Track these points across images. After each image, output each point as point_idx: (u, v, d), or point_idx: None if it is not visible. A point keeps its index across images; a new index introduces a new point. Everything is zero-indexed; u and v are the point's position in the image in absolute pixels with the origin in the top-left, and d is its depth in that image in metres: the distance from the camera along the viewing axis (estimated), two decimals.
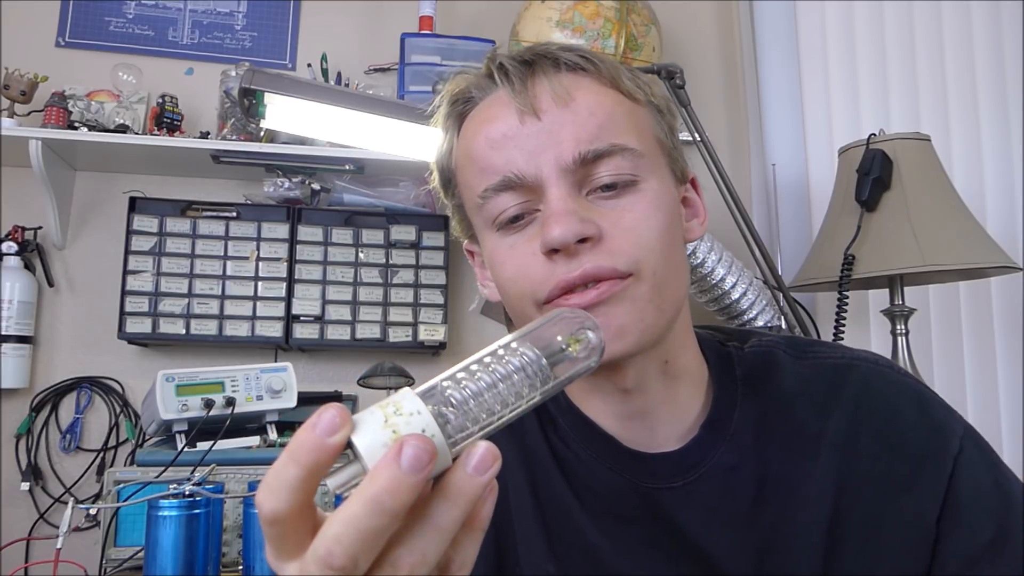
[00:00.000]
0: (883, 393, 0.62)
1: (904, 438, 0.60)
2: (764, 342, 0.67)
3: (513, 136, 0.56)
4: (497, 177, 0.57)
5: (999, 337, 1.78)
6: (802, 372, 0.64)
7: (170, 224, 1.61)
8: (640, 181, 0.57)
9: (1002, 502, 0.58)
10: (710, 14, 2.04)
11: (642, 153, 0.57)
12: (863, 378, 0.62)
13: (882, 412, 0.61)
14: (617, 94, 0.59)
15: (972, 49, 1.84)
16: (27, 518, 1.58)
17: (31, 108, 1.57)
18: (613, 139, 0.56)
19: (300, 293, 1.64)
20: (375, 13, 1.89)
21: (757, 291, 1.57)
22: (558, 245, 0.53)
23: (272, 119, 1.19)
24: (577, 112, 0.56)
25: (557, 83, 0.57)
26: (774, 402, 0.63)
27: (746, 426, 0.62)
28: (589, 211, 0.55)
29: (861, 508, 0.59)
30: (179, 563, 1.05)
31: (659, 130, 0.61)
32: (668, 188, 0.60)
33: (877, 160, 1.41)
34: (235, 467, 1.29)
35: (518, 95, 0.57)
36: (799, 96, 1.83)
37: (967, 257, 1.37)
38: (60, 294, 1.68)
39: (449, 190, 0.65)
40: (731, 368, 0.65)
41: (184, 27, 1.81)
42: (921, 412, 0.61)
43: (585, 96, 0.57)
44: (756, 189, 1.90)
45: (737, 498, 0.61)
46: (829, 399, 0.62)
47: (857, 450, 0.60)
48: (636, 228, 0.55)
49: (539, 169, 0.55)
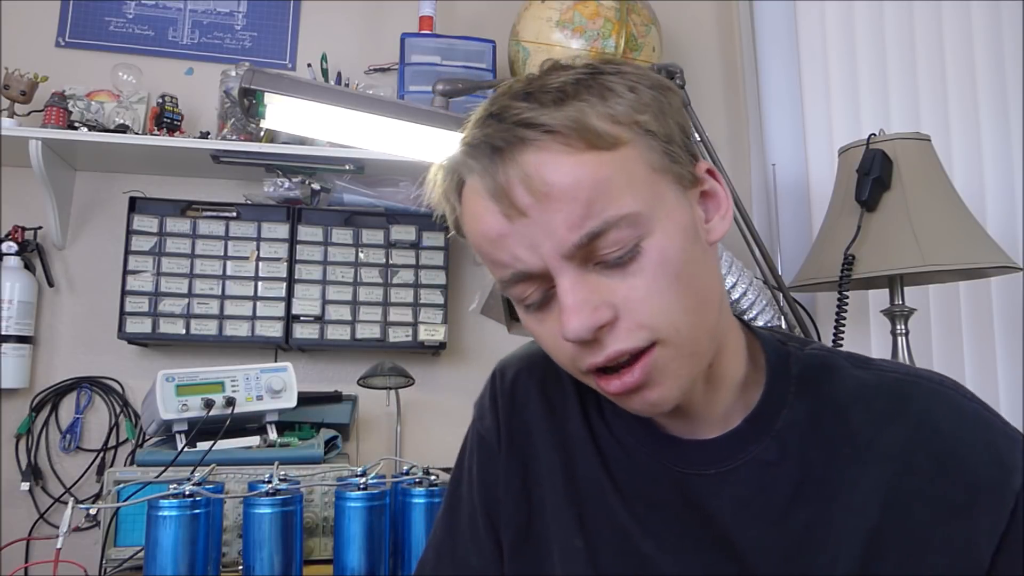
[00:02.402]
0: (948, 414, 0.60)
1: (964, 464, 0.58)
2: (825, 348, 0.68)
3: (508, 234, 0.55)
4: (508, 272, 0.57)
5: (999, 337, 1.78)
6: (863, 379, 0.63)
7: (170, 224, 1.61)
8: (644, 240, 0.55)
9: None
10: (710, 14, 2.04)
11: (639, 211, 0.54)
12: (928, 395, 0.61)
13: (944, 433, 0.59)
14: (595, 154, 0.54)
15: (972, 49, 1.84)
16: (27, 518, 1.58)
17: (31, 108, 1.57)
18: (605, 213, 0.53)
19: (300, 293, 1.64)
20: (375, 13, 1.89)
21: (757, 291, 1.56)
22: (575, 341, 0.55)
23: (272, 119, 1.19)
24: (560, 199, 0.53)
25: (526, 174, 0.54)
26: (828, 405, 0.62)
27: (794, 425, 0.62)
28: (600, 289, 0.54)
29: (909, 525, 0.58)
30: (179, 563, 1.04)
31: (653, 156, 0.56)
32: (677, 220, 0.57)
33: (877, 160, 1.41)
34: (235, 467, 1.29)
35: (495, 196, 0.55)
36: (799, 96, 1.83)
37: (967, 257, 1.37)
38: (60, 294, 1.68)
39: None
40: (787, 367, 0.65)
41: (184, 27, 1.81)
42: (985, 441, 0.59)
43: (561, 177, 0.53)
44: (756, 189, 1.90)
45: (773, 494, 0.61)
46: (889, 410, 0.61)
47: (912, 466, 0.59)
48: (651, 294, 0.55)
49: (543, 260, 0.55)
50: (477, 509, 0.72)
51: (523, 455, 0.70)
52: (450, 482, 0.77)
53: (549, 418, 0.70)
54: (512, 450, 0.71)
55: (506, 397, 0.73)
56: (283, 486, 1.13)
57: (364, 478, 1.18)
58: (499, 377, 0.75)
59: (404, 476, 1.26)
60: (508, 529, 0.70)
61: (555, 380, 0.71)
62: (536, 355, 0.74)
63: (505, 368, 0.75)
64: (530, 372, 0.73)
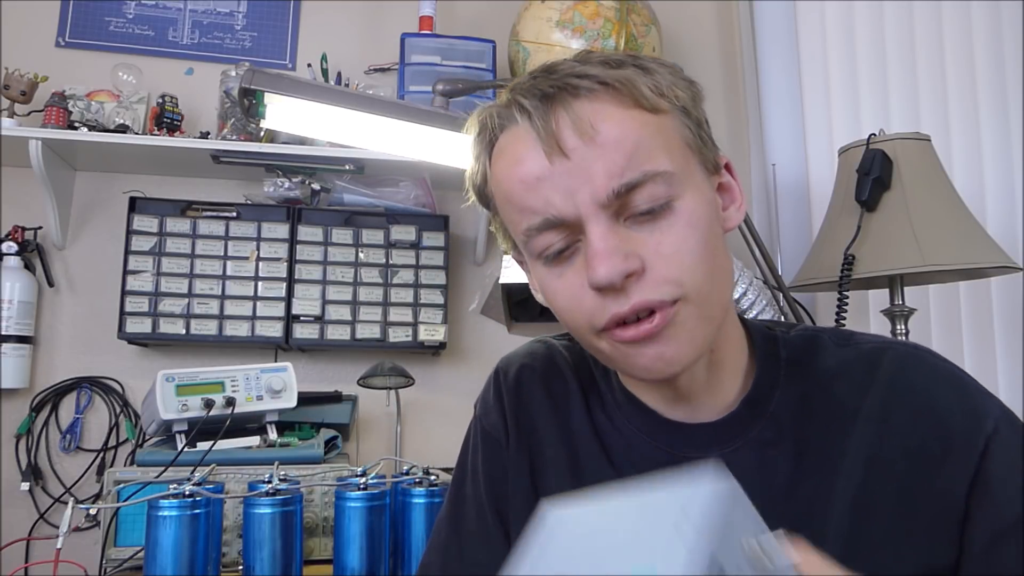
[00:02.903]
0: (920, 372, 0.63)
1: (939, 416, 0.61)
2: (810, 329, 0.70)
3: (546, 177, 0.57)
4: (538, 218, 0.58)
5: (999, 337, 1.78)
6: (844, 355, 0.66)
7: (170, 224, 1.61)
8: (675, 200, 0.58)
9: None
10: (710, 14, 2.04)
11: (673, 172, 0.58)
12: (900, 357, 0.64)
13: (918, 389, 0.62)
14: (640, 113, 0.58)
15: (972, 49, 1.84)
16: (27, 518, 1.58)
17: (31, 108, 1.57)
18: (644, 166, 0.56)
19: (300, 293, 1.64)
20: (375, 13, 1.89)
21: (757, 291, 1.56)
22: (604, 285, 0.55)
23: (272, 119, 1.19)
24: (604, 146, 0.56)
25: (578, 116, 0.57)
26: (815, 382, 0.65)
27: (786, 405, 0.65)
28: (630, 241, 0.57)
29: (893, 481, 0.61)
30: (179, 563, 1.04)
31: (687, 132, 0.61)
32: (703, 193, 0.60)
33: (877, 160, 1.41)
34: (235, 467, 1.29)
35: (542, 136, 0.57)
36: (799, 96, 1.83)
37: (967, 257, 1.37)
38: (60, 294, 1.68)
39: (490, 209, 0.67)
40: (776, 351, 0.68)
41: (184, 27, 1.81)
42: (957, 392, 0.62)
43: (609, 126, 0.57)
44: (756, 189, 1.90)
45: (775, 473, 0.63)
46: (868, 377, 0.64)
47: (891, 424, 0.62)
48: (677, 252, 0.57)
49: (577, 207, 0.56)
50: (485, 505, 0.72)
51: (529, 450, 0.71)
52: (452, 483, 0.77)
53: (553, 413, 0.71)
54: (519, 445, 0.72)
55: (511, 393, 0.74)
56: (283, 486, 1.13)
57: (364, 478, 1.18)
58: (503, 374, 0.76)
59: (404, 476, 1.26)
60: (516, 523, 0.70)
61: (558, 376, 0.73)
62: (538, 352, 0.76)
63: (508, 365, 0.76)
64: (533, 369, 0.74)
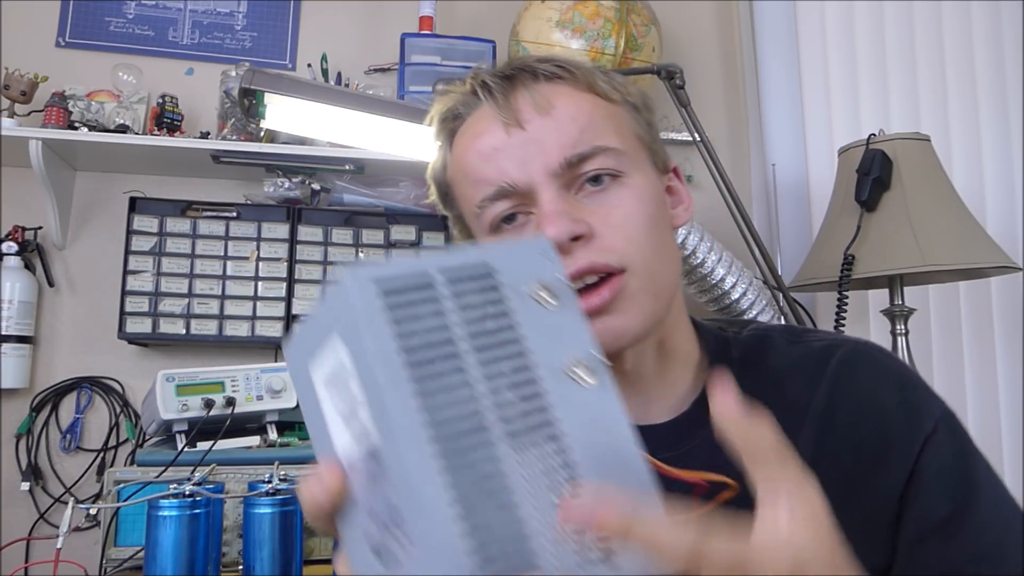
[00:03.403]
0: (865, 369, 0.64)
1: (880, 415, 0.62)
2: (762, 327, 0.70)
3: (502, 147, 0.60)
4: (492, 188, 0.60)
5: (999, 337, 1.78)
6: (795, 354, 0.66)
7: (170, 224, 1.61)
8: (624, 176, 0.61)
9: (963, 486, 0.59)
10: (710, 14, 2.04)
11: (623, 151, 0.61)
12: (846, 354, 0.65)
13: (862, 387, 0.63)
14: (594, 97, 0.62)
15: (972, 49, 1.84)
16: (27, 518, 1.58)
17: (31, 108, 1.57)
18: (595, 141, 0.60)
19: (300, 293, 1.64)
20: (375, 13, 1.89)
21: (757, 291, 1.57)
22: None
23: (272, 119, 1.19)
24: (559, 119, 0.60)
25: (537, 93, 0.61)
26: (767, 382, 0.65)
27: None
28: (579, 210, 0.59)
29: (835, 476, 0.60)
30: (179, 563, 1.04)
31: (638, 127, 0.65)
32: (652, 180, 0.64)
33: (877, 160, 1.41)
34: (235, 467, 1.29)
35: (501, 109, 0.60)
36: (799, 96, 1.83)
37: (967, 257, 1.37)
38: (60, 294, 1.68)
39: (448, 203, 0.69)
40: (728, 351, 0.68)
41: (184, 27, 1.81)
42: (900, 392, 0.63)
43: (564, 103, 0.61)
44: (756, 189, 1.90)
45: (730, 472, 0.62)
46: (816, 374, 0.64)
47: (835, 422, 0.62)
48: (625, 223, 0.59)
49: (530, 176, 0.59)
50: None
51: None
52: None
53: None
54: None
55: None
56: (283, 486, 1.13)
57: None
58: None
59: None
60: None
61: None
62: None
63: None
64: None
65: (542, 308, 0.41)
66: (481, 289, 0.39)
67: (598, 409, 0.40)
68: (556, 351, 0.40)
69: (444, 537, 0.33)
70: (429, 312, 0.37)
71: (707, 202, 1.79)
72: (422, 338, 0.36)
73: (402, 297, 0.36)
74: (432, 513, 0.33)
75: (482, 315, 0.38)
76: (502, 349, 0.38)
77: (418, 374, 0.35)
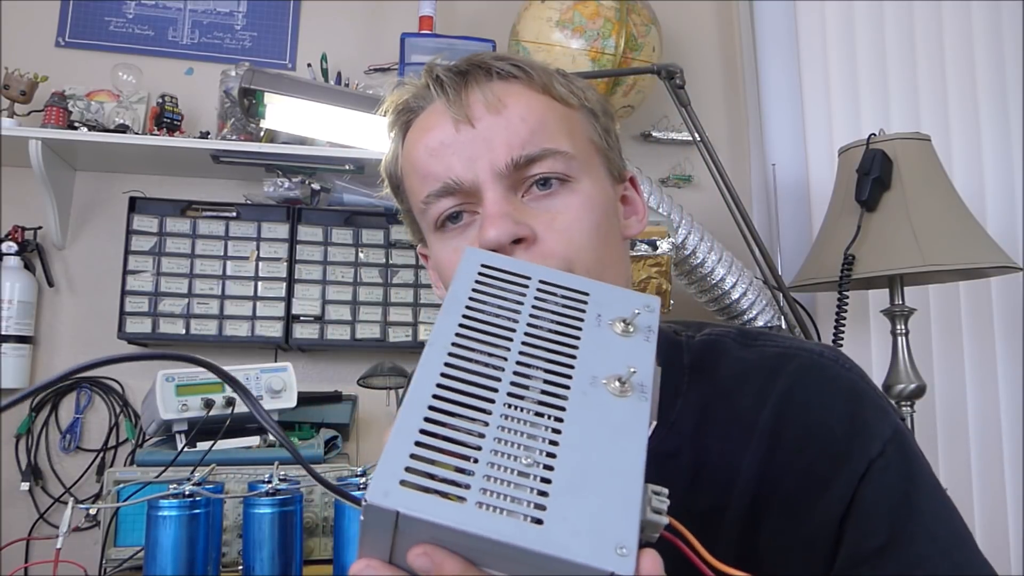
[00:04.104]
0: (816, 386, 0.61)
1: (829, 436, 0.59)
2: (715, 331, 0.68)
3: (450, 144, 0.60)
4: (438, 184, 0.60)
5: (999, 337, 1.78)
6: (746, 359, 0.64)
7: (170, 224, 1.61)
8: (573, 181, 0.60)
9: (904, 512, 0.57)
10: (710, 14, 2.04)
11: (574, 155, 0.60)
12: (799, 369, 0.62)
13: (812, 406, 0.60)
14: (549, 99, 0.62)
15: (972, 49, 1.84)
16: (27, 518, 1.58)
17: (31, 108, 1.57)
18: (545, 143, 0.59)
19: (300, 293, 1.64)
20: (375, 13, 1.89)
21: (757, 291, 1.57)
22: (493, 246, 0.56)
23: (272, 119, 1.20)
24: (509, 119, 0.59)
25: (489, 91, 0.60)
26: (717, 390, 0.63)
27: (688, 414, 0.63)
28: (524, 213, 0.58)
29: (779, 498, 0.59)
30: (179, 563, 1.04)
31: (593, 132, 0.64)
32: (603, 187, 0.63)
33: (877, 160, 1.41)
34: (235, 467, 1.29)
35: (452, 105, 0.60)
36: (799, 96, 1.83)
37: (967, 257, 1.37)
38: (60, 294, 1.68)
39: (399, 196, 0.69)
40: (680, 357, 0.65)
41: (184, 27, 1.81)
42: (851, 410, 0.60)
43: (516, 103, 0.60)
44: (756, 189, 1.90)
45: (673, 486, 0.61)
46: (765, 388, 0.61)
47: (783, 439, 0.60)
48: (568, 229, 0.58)
49: (476, 174, 0.59)
50: None
51: None
52: None
53: None
54: None
55: None
56: (283, 486, 1.13)
57: (364, 478, 1.18)
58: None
59: None
60: None
61: None
62: None
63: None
64: None
65: (613, 334, 0.44)
66: (567, 302, 0.45)
67: (619, 420, 0.40)
68: (602, 363, 0.42)
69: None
70: (511, 295, 0.44)
71: (707, 202, 1.79)
72: (491, 306, 0.43)
73: (496, 276, 0.45)
74: (401, 422, 0.37)
75: (555, 320, 0.43)
76: (553, 349, 0.42)
77: (469, 324, 0.42)
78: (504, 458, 0.36)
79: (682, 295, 1.68)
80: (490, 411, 0.38)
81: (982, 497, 1.74)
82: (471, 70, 0.62)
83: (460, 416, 0.37)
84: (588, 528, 0.34)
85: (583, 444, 0.38)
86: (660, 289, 1.44)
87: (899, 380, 1.45)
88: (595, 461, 0.37)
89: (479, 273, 0.45)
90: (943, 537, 0.57)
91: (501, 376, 0.40)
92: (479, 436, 0.37)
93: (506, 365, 0.40)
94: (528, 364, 0.41)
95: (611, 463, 0.38)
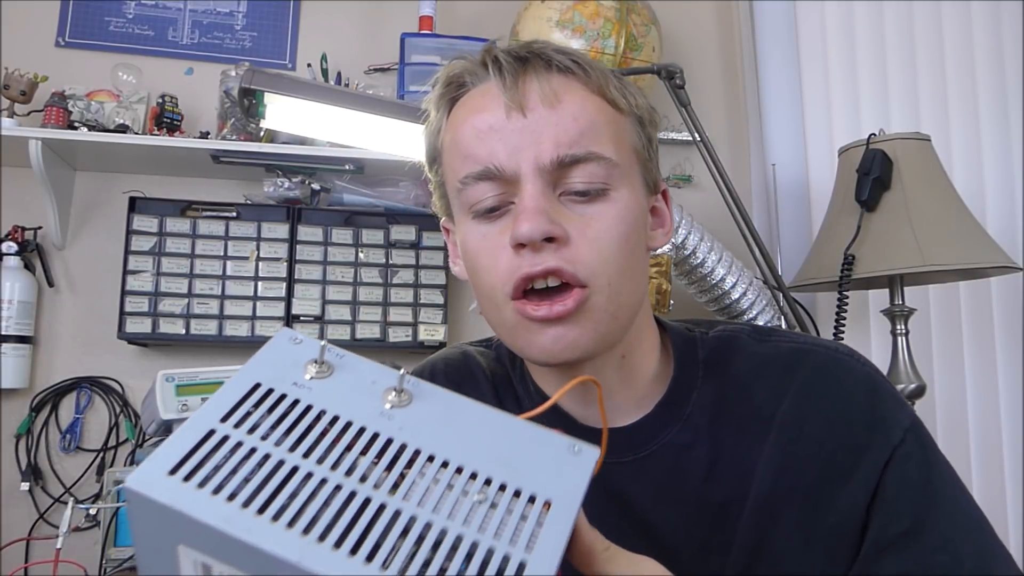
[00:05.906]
0: (835, 379, 0.63)
1: (850, 426, 0.61)
2: (729, 328, 0.69)
3: (498, 129, 0.59)
4: (478, 167, 0.59)
5: (999, 337, 1.78)
6: (761, 354, 0.65)
7: (170, 224, 1.61)
8: (611, 190, 0.59)
9: (926, 497, 0.59)
10: (710, 14, 2.04)
11: (617, 163, 0.60)
12: (817, 363, 0.64)
13: (831, 398, 0.62)
14: (602, 101, 0.61)
15: (972, 49, 1.84)
16: (27, 518, 1.58)
17: (31, 108, 1.57)
18: (591, 146, 0.58)
19: (300, 293, 1.64)
20: (375, 13, 1.89)
21: (757, 291, 1.57)
22: (525, 240, 0.56)
23: (272, 119, 1.19)
24: (561, 115, 0.58)
25: (546, 83, 0.59)
26: (733, 384, 0.65)
27: (703, 407, 0.64)
28: (559, 213, 0.58)
29: (801, 489, 0.60)
30: None
31: (637, 140, 0.63)
32: (637, 198, 0.62)
33: (877, 160, 1.41)
34: None
35: (508, 90, 0.59)
36: (799, 96, 1.83)
37: (967, 257, 1.37)
38: (60, 294, 1.68)
39: (434, 167, 0.68)
40: (695, 352, 0.67)
41: (184, 27, 1.81)
42: (871, 402, 0.62)
43: (571, 100, 0.59)
44: (756, 189, 1.90)
45: (688, 477, 0.62)
46: (784, 381, 0.63)
47: (803, 432, 0.61)
48: (600, 238, 0.58)
49: (518, 164, 0.58)
50: None
51: None
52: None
53: None
54: None
55: None
56: None
57: None
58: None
59: None
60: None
61: (470, 380, 0.73)
62: (452, 357, 0.76)
63: (422, 370, 0.76)
64: (447, 374, 0.74)
65: (321, 381, 0.42)
66: (259, 405, 0.40)
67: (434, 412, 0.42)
68: (357, 405, 0.41)
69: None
70: (235, 455, 0.37)
71: (707, 202, 1.79)
72: (241, 476, 0.36)
73: (197, 462, 0.37)
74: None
75: (275, 423, 0.39)
76: (311, 436, 0.39)
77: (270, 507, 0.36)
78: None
79: (682, 295, 1.68)
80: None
81: (982, 497, 1.74)
82: (531, 58, 0.61)
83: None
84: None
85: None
86: (660, 289, 1.44)
87: (899, 380, 1.45)
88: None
89: (192, 487, 0.36)
90: (963, 521, 0.59)
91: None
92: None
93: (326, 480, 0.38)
94: (334, 464, 0.38)
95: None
